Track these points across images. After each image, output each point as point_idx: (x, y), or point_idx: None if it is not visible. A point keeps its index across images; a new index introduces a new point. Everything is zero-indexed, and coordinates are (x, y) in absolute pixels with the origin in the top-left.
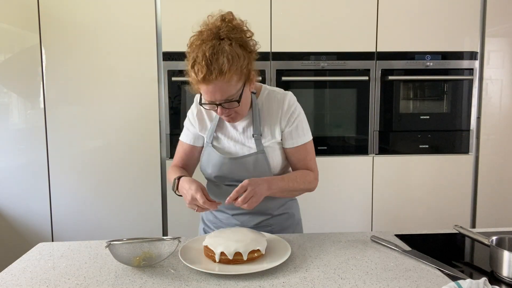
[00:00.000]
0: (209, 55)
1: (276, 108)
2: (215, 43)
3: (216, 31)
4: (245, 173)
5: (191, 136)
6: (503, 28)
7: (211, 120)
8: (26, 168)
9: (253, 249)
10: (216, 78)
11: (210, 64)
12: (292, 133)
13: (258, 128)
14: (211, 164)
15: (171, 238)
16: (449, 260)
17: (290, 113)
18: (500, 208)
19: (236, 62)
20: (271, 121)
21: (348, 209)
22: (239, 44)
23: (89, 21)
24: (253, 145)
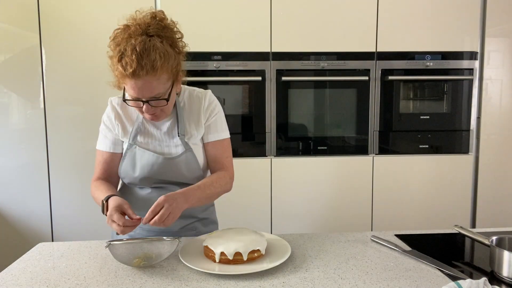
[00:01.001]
0: (140, 50)
1: (198, 106)
2: (145, 39)
3: (145, 28)
4: (177, 173)
5: (110, 143)
6: (503, 28)
7: (131, 123)
8: (26, 168)
9: (253, 249)
10: (146, 74)
11: (141, 58)
12: (211, 127)
13: (183, 127)
14: (140, 165)
15: (171, 238)
16: (449, 260)
17: (211, 109)
18: (500, 208)
19: (168, 60)
20: (194, 118)
21: (348, 209)
22: (169, 44)
23: (89, 21)
24: (179, 144)
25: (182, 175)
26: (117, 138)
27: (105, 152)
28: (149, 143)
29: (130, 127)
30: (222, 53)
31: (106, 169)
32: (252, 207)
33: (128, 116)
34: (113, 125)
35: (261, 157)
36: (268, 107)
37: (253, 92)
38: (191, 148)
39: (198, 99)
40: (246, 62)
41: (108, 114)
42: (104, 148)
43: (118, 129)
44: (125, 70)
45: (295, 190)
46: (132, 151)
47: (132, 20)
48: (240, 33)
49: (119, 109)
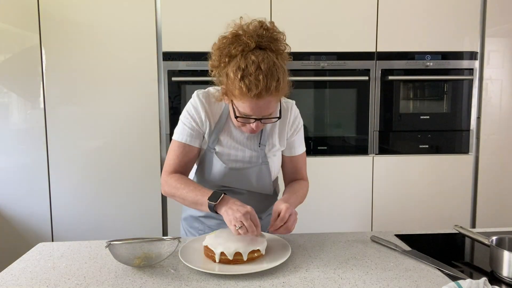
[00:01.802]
0: (264, 69)
1: (283, 117)
2: (264, 55)
3: (257, 40)
4: (247, 183)
5: (195, 137)
6: (503, 28)
7: (214, 121)
8: (26, 168)
9: (253, 249)
10: (271, 95)
11: (266, 79)
12: (295, 142)
13: (265, 137)
14: (212, 171)
15: (171, 238)
16: (449, 260)
17: (296, 124)
18: (500, 208)
19: (286, 77)
20: (277, 130)
21: (348, 209)
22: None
23: (89, 21)
24: (258, 154)
25: (252, 185)
26: (201, 133)
27: (187, 145)
28: (230, 146)
29: (213, 125)
30: None
31: (186, 162)
32: None
33: (214, 114)
34: (202, 122)
35: None
36: None
37: None
38: (267, 161)
39: (283, 111)
40: None
41: (197, 108)
42: (187, 141)
43: (207, 125)
44: (249, 90)
45: None
46: (209, 156)
47: (240, 29)
48: None
49: (207, 105)
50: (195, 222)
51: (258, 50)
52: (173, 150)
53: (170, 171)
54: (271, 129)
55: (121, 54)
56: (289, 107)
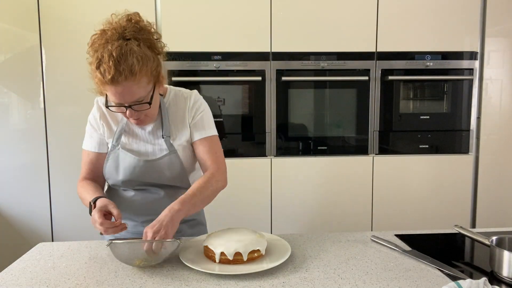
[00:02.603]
0: (116, 55)
1: (183, 106)
2: (122, 43)
3: (121, 31)
4: (159, 175)
5: (95, 143)
6: (503, 28)
7: (116, 123)
8: (26, 168)
9: (253, 249)
10: (125, 79)
11: (119, 64)
12: (197, 125)
13: (168, 128)
14: (122, 168)
15: (171, 239)
16: (449, 260)
17: (196, 107)
18: (500, 208)
19: (146, 63)
20: (179, 119)
21: (348, 209)
22: (147, 46)
23: (89, 21)
24: (163, 146)
25: (165, 177)
26: (102, 138)
27: (91, 152)
28: (133, 143)
29: (115, 127)
30: (222, 53)
31: (92, 169)
32: (252, 207)
33: (113, 116)
34: (98, 125)
35: (261, 157)
36: (268, 107)
37: (253, 92)
38: (175, 150)
39: (183, 99)
40: (246, 62)
41: (94, 114)
42: (90, 148)
43: (104, 129)
44: (103, 77)
45: (295, 190)
46: (115, 153)
47: (108, 24)
48: (240, 33)
49: (104, 109)
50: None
51: (119, 41)
52: (83, 160)
53: (80, 179)
54: (173, 120)
55: None
56: (189, 94)
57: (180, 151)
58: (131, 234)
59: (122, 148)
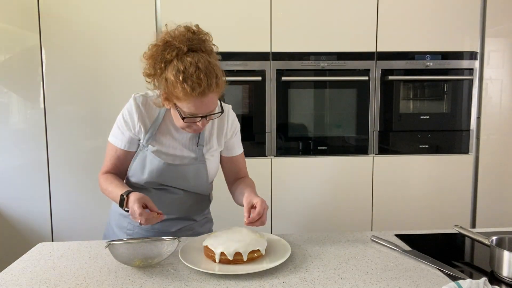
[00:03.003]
0: (203, 68)
1: (221, 120)
2: (199, 56)
3: (188, 43)
4: (184, 181)
5: (126, 141)
6: (503, 28)
7: (151, 122)
8: (26, 168)
9: (253, 249)
10: (212, 92)
11: (207, 76)
12: (235, 144)
13: (203, 137)
14: (149, 169)
15: (171, 238)
16: (449, 260)
17: (234, 126)
18: (500, 208)
19: (223, 74)
20: (216, 131)
21: (348, 209)
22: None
23: (89, 21)
24: (196, 153)
25: (189, 184)
26: (134, 138)
27: (119, 149)
28: (168, 144)
29: (149, 127)
30: (222, 53)
31: (118, 165)
32: None
33: (150, 117)
34: (134, 125)
35: (261, 157)
36: (268, 107)
37: (253, 92)
38: (205, 161)
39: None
40: (246, 62)
41: (131, 111)
42: (119, 145)
43: (140, 130)
44: (193, 90)
45: (295, 190)
46: (144, 153)
47: (168, 36)
48: (240, 33)
49: (143, 109)
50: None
51: (191, 53)
52: (109, 153)
53: (104, 172)
54: (210, 130)
55: (121, 54)
56: (227, 110)
57: (210, 161)
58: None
59: (152, 151)
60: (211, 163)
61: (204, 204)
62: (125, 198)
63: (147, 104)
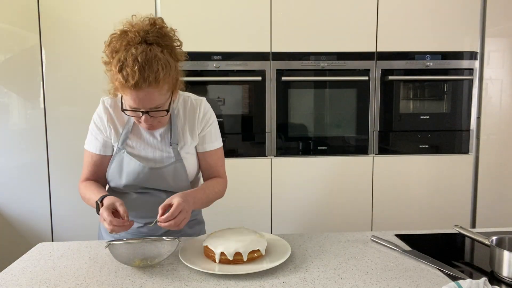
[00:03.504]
0: (142, 60)
1: (192, 114)
2: (146, 48)
3: (144, 35)
4: (163, 183)
5: (100, 145)
6: (503, 28)
7: (122, 125)
8: (26, 168)
9: (253, 249)
10: (148, 86)
11: (143, 70)
12: (206, 137)
13: (176, 136)
14: (126, 172)
15: (171, 238)
16: (449, 260)
17: (206, 119)
18: (500, 208)
19: (169, 71)
20: (187, 127)
21: (348, 209)
22: (169, 52)
23: (89, 21)
24: (171, 153)
25: (168, 184)
26: (108, 141)
27: (94, 154)
28: (140, 148)
29: (121, 129)
30: (222, 53)
31: (95, 171)
32: (252, 207)
33: (120, 118)
34: (104, 128)
35: (261, 157)
36: (268, 107)
37: (253, 92)
38: (182, 159)
39: (192, 108)
40: (246, 62)
41: (100, 115)
42: (93, 150)
43: (110, 132)
44: (126, 81)
45: (295, 190)
46: (120, 156)
47: (129, 25)
48: (240, 33)
49: (112, 110)
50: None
51: (142, 45)
52: (85, 160)
53: (82, 180)
54: (182, 127)
55: None
56: (199, 103)
57: (186, 159)
58: (131, 234)
59: (127, 153)
60: (189, 161)
61: None
62: (99, 203)
63: (116, 106)
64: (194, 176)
